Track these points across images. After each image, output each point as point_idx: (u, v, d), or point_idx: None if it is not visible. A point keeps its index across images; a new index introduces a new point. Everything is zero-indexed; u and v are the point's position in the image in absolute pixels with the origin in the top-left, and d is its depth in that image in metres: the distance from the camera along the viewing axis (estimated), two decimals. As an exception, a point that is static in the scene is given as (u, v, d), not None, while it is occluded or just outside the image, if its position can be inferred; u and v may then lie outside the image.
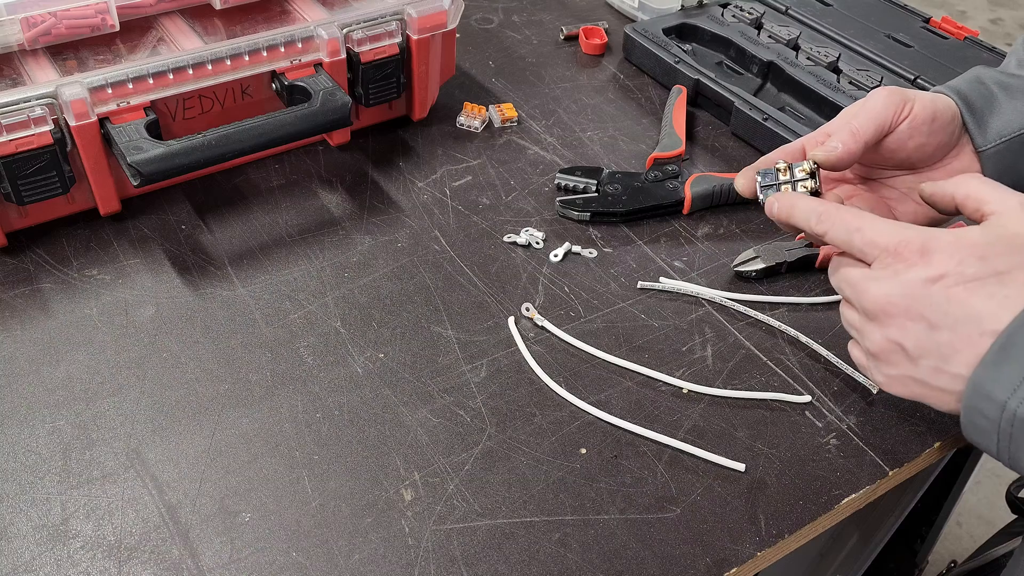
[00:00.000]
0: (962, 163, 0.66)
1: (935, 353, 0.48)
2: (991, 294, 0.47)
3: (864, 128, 0.61)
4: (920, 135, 0.63)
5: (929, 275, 0.48)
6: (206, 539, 0.55)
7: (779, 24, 1.02)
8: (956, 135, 0.65)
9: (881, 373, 0.53)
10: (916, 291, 0.48)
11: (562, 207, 0.80)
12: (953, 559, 0.89)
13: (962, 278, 0.48)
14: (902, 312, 0.49)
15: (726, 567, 0.56)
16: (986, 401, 0.46)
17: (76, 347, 0.66)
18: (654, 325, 0.71)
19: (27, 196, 0.70)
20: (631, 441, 0.62)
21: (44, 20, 0.71)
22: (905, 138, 0.63)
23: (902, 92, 0.63)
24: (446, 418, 0.63)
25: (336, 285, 0.73)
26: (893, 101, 0.62)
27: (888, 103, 0.62)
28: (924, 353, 0.49)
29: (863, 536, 0.96)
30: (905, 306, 0.49)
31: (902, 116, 0.62)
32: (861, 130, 0.61)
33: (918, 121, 0.62)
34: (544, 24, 1.09)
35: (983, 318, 0.46)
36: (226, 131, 0.72)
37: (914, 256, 0.49)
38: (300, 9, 0.82)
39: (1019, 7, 3.45)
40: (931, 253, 0.49)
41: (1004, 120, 0.65)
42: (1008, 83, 0.67)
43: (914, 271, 0.49)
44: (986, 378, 0.46)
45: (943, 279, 0.48)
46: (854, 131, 0.61)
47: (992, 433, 0.46)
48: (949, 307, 0.48)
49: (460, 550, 0.56)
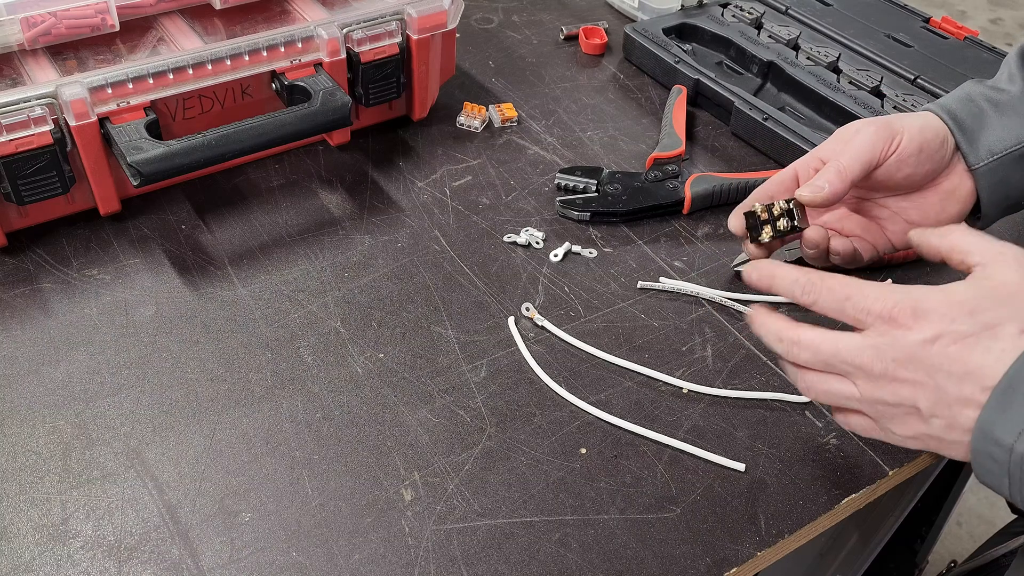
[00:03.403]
0: (952, 182, 0.67)
1: (946, 411, 0.49)
2: (987, 348, 0.47)
3: (850, 167, 0.63)
4: (908, 167, 0.65)
5: (925, 337, 0.49)
6: (206, 539, 0.55)
7: (779, 24, 1.02)
8: (947, 158, 0.66)
9: (895, 433, 0.53)
10: (918, 353, 0.49)
11: (562, 207, 0.80)
12: (953, 559, 0.89)
13: (957, 336, 0.48)
14: (910, 376, 0.49)
15: (726, 567, 0.56)
16: (994, 446, 0.46)
17: (76, 347, 0.66)
18: (654, 325, 0.71)
19: (27, 196, 0.70)
20: (631, 441, 0.62)
21: (44, 20, 0.71)
22: (893, 171, 0.65)
23: (889, 126, 0.64)
24: (446, 418, 0.63)
25: (336, 285, 0.73)
26: (881, 137, 0.63)
27: (876, 139, 0.63)
28: (936, 412, 0.49)
29: (863, 536, 0.96)
30: (912, 369, 0.49)
31: (889, 151, 0.64)
32: (847, 169, 0.63)
33: (905, 155, 0.64)
34: (544, 24, 1.09)
35: (984, 374, 0.47)
36: (226, 131, 0.72)
37: (908, 320, 0.49)
38: (300, 9, 0.82)
39: (1019, 7, 3.45)
40: (924, 314, 0.49)
41: (995, 137, 0.66)
42: (998, 99, 0.68)
43: (911, 335, 0.49)
44: (992, 423, 0.47)
45: (940, 339, 0.48)
46: (840, 171, 0.63)
47: (1003, 476, 0.47)
48: (950, 366, 0.48)
49: (460, 550, 0.56)
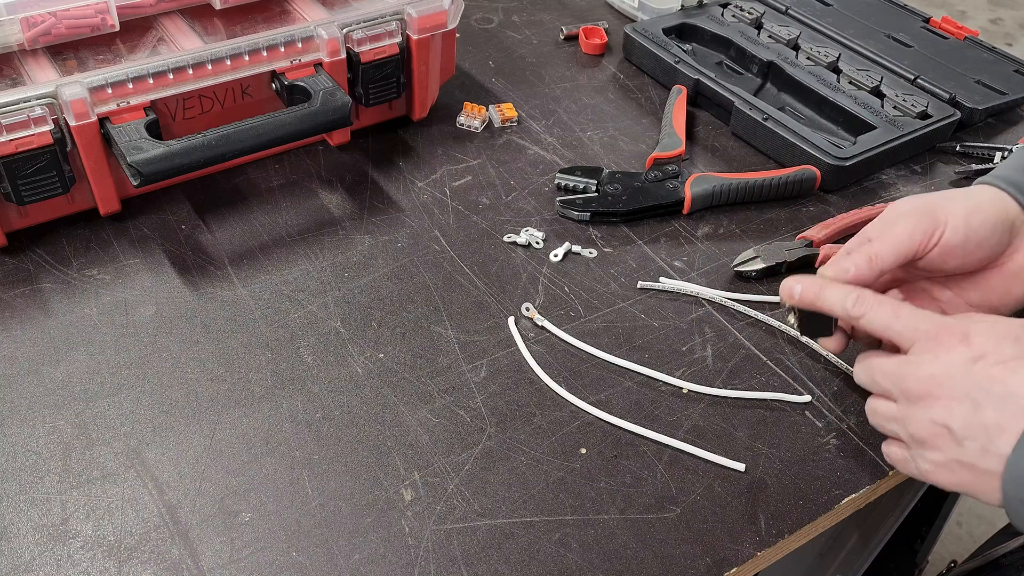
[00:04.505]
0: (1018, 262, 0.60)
1: (982, 434, 0.48)
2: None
3: (883, 256, 0.57)
4: (956, 257, 0.58)
5: (971, 356, 0.49)
6: (206, 539, 0.55)
7: (779, 24, 1.02)
8: (1005, 240, 0.59)
9: (927, 461, 0.52)
10: (959, 371, 0.49)
11: (562, 207, 0.80)
12: (953, 559, 0.89)
13: (1001, 357, 0.48)
14: (948, 393, 0.49)
15: (726, 567, 0.56)
16: None
17: (76, 347, 0.66)
18: (654, 325, 0.71)
19: (27, 196, 0.70)
20: (631, 441, 0.62)
21: (44, 20, 0.71)
22: (940, 262, 0.58)
23: (933, 214, 0.57)
24: (446, 418, 0.63)
25: (336, 285, 0.73)
26: (920, 228, 0.57)
27: (915, 231, 0.57)
28: (970, 434, 0.49)
29: (863, 536, 0.96)
30: (950, 386, 0.49)
31: (930, 245, 0.57)
32: (878, 258, 0.57)
33: (949, 247, 0.57)
34: (544, 24, 1.09)
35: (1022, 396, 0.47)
36: (226, 131, 0.72)
37: (954, 340, 0.49)
38: (300, 9, 0.82)
39: (1019, 7, 3.45)
40: (971, 336, 0.49)
41: None
42: None
43: (955, 353, 0.49)
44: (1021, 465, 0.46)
45: (984, 359, 0.48)
46: (871, 257, 0.57)
47: None
48: (991, 386, 0.48)
49: (460, 550, 0.56)
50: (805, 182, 0.83)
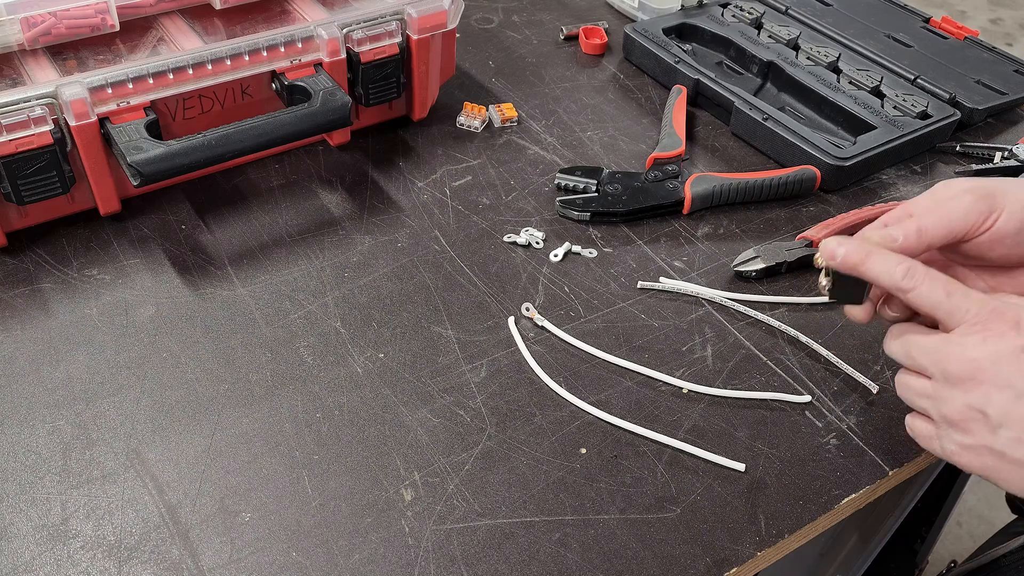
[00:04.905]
0: None
1: (1018, 424, 0.47)
2: None
3: (932, 231, 0.54)
4: (1003, 247, 0.56)
5: (1021, 345, 0.47)
6: (206, 539, 0.55)
7: (779, 24, 1.02)
8: None
9: (953, 442, 0.51)
10: (1007, 359, 0.48)
11: (562, 207, 0.80)
12: (953, 559, 0.89)
13: None
14: (990, 379, 0.48)
15: (726, 567, 0.56)
16: None
17: (76, 347, 0.66)
18: (654, 325, 0.71)
19: (27, 196, 0.70)
20: (631, 441, 0.62)
21: (44, 20, 0.71)
22: (985, 248, 0.56)
23: (992, 197, 0.55)
24: (446, 418, 0.63)
25: (336, 285, 0.73)
26: (977, 209, 0.54)
27: (970, 211, 0.54)
28: (1007, 422, 0.48)
29: (863, 536, 0.96)
30: (993, 372, 0.48)
31: (983, 228, 0.55)
32: (927, 232, 0.54)
33: (1000, 234, 0.55)
34: (544, 24, 1.09)
35: None
36: (226, 131, 0.72)
37: (1006, 327, 0.48)
38: (300, 9, 0.82)
39: (1019, 7, 3.45)
40: (1022, 324, 0.48)
41: None
42: None
43: (1005, 340, 0.48)
44: None
45: None
46: (921, 230, 0.54)
47: None
48: None
49: (460, 550, 0.56)
50: (805, 182, 0.83)
